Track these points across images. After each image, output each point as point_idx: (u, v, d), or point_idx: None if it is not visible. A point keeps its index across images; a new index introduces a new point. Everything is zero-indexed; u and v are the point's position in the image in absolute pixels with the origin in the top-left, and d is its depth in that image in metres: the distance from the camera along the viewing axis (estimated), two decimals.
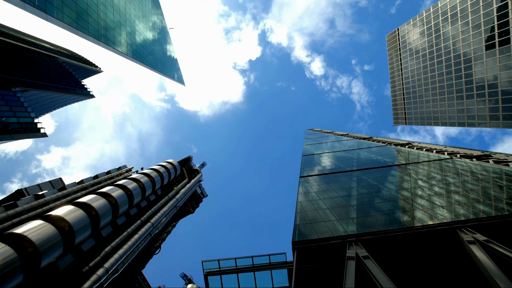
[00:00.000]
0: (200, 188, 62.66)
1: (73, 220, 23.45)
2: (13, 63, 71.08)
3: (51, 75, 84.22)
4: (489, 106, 60.81)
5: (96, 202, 27.33)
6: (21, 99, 62.74)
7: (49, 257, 20.20)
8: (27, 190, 32.15)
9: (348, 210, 26.38)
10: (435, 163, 39.68)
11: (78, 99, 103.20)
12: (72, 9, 38.83)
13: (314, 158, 57.99)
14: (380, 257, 18.09)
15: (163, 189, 47.17)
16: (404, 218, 23.46)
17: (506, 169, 31.29)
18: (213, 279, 29.16)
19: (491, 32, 57.23)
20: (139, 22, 74.72)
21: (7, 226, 24.24)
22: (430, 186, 30.55)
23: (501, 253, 15.98)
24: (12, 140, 59.79)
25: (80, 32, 41.30)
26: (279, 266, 28.60)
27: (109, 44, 51.94)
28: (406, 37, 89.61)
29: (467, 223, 20.09)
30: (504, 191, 26.13)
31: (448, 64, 71.85)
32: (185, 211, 56.13)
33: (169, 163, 49.28)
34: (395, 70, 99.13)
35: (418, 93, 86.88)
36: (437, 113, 79.02)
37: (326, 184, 36.03)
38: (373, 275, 15.68)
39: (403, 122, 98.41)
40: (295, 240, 21.44)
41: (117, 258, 24.85)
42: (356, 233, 21.09)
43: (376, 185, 33.23)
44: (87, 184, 38.73)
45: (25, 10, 30.19)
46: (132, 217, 33.90)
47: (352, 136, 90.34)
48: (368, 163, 47.23)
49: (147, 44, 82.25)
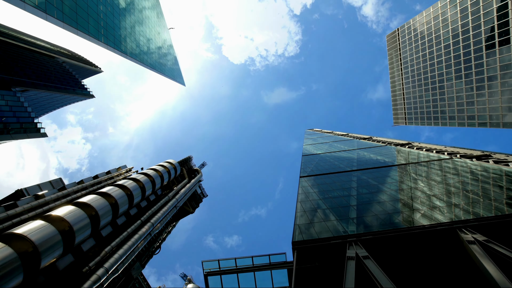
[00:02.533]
0: (200, 188, 62.65)
1: (73, 220, 23.42)
2: (13, 63, 71.08)
3: (51, 75, 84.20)
4: (489, 106, 60.80)
5: (96, 202, 27.30)
6: (21, 99, 62.73)
7: (49, 257, 20.18)
8: (27, 190, 32.11)
9: (348, 210, 26.37)
10: (435, 163, 39.67)
11: (78, 99, 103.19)
12: (72, 9, 38.82)
13: (314, 158, 57.98)
14: (380, 257, 18.08)
15: (163, 189, 47.16)
16: (404, 218, 23.46)
17: (506, 169, 31.29)
18: (213, 279, 29.16)
19: (491, 32, 57.23)
20: (139, 22, 74.71)
21: (7, 226, 24.22)
22: (430, 186, 30.54)
23: (501, 253, 15.97)
24: (12, 140, 59.75)
25: (80, 32, 41.29)
26: (279, 266, 28.59)
27: (109, 44, 51.93)
28: (406, 37, 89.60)
29: (467, 223, 20.08)
30: (504, 191, 26.13)
31: (448, 64, 71.85)
32: (185, 211, 56.12)
33: (169, 163, 49.25)
34: (395, 70, 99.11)
35: (418, 93, 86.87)
36: (437, 113, 79.02)
37: (326, 184, 36.01)
38: (373, 275, 15.67)
39: (403, 122, 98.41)
40: (295, 240, 21.43)
41: (117, 258, 24.82)
42: (356, 233, 21.08)
43: (376, 185, 33.23)
44: (87, 184, 38.71)
45: (25, 10, 30.18)
46: (132, 217, 33.89)
47: (352, 136, 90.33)
48: (368, 163, 47.23)
49: (147, 44, 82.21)
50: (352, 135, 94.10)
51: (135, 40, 70.71)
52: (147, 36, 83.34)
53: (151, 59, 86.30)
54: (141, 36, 76.18)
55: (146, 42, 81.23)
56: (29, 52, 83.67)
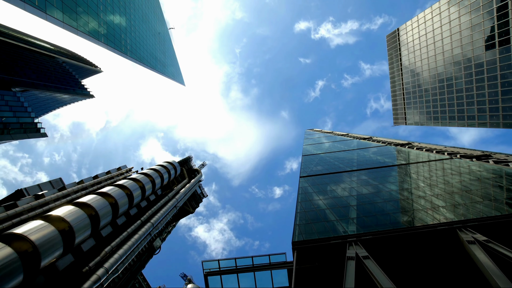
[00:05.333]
0: (200, 188, 62.67)
1: (73, 220, 23.43)
2: (13, 63, 71.08)
3: (51, 75, 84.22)
4: (489, 106, 60.81)
5: (96, 202, 27.32)
6: (21, 99, 62.75)
7: (49, 257, 20.18)
8: (27, 190, 32.14)
9: (348, 210, 26.38)
10: (435, 163, 39.68)
11: (78, 99, 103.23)
12: (72, 9, 38.81)
13: (314, 158, 57.99)
14: (380, 257, 18.08)
15: (163, 189, 47.18)
16: (404, 218, 23.47)
17: (506, 169, 31.29)
18: (213, 279, 29.17)
19: (491, 32, 57.23)
20: (139, 22, 74.72)
21: (7, 226, 24.23)
22: (430, 186, 30.55)
23: (501, 253, 15.98)
24: (12, 140, 59.78)
25: (80, 32, 41.28)
26: (279, 266, 28.60)
27: (109, 44, 51.92)
28: (406, 37, 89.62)
29: (467, 223, 20.08)
30: (504, 191, 26.14)
31: (448, 64, 71.86)
32: (185, 211, 56.15)
33: (169, 163, 49.28)
34: (395, 70, 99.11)
35: (418, 93, 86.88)
36: (437, 113, 79.03)
37: (326, 184, 36.02)
38: (373, 275, 15.68)
39: (403, 122, 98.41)
40: (295, 240, 21.44)
41: (117, 258, 24.84)
42: (356, 233, 21.09)
43: (376, 185, 33.24)
44: (87, 184, 38.72)
45: (25, 10, 30.15)
46: (132, 217, 33.90)
47: (352, 136, 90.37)
48: (368, 163, 47.24)
49: (147, 44, 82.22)
50: (352, 135, 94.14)
51: (136, 40, 70.71)
52: (147, 36, 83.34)
53: (151, 59, 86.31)
54: (141, 36, 76.18)
55: (146, 42, 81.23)
56: (29, 52, 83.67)
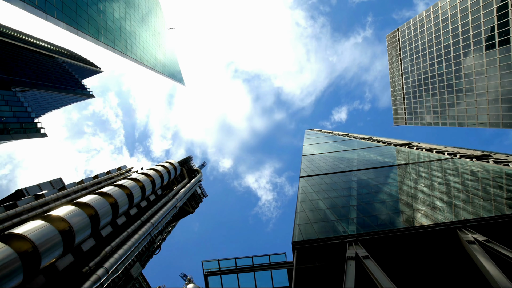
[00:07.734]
0: (200, 188, 62.66)
1: (73, 220, 23.42)
2: (13, 63, 71.08)
3: (51, 75, 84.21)
4: (489, 106, 60.81)
5: (96, 202, 27.31)
6: (21, 99, 62.70)
7: (49, 257, 20.18)
8: (27, 190, 32.12)
9: (348, 210, 26.37)
10: (435, 163, 39.68)
11: (78, 99, 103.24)
12: (72, 9, 38.81)
13: (314, 158, 57.97)
14: (380, 257, 18.08)
15: (163, 189, 47.17)
16: (404, 218, 23.46)
17: (506, 169, 31.29)
18: (213, 279, 29.14)
19: (491, 32, 57.22)
20: (139, 22, 74.70)
21: (7, 226, 24.22)
22: (430, 186, 30.54)
23: (501, 253, 15.97)
24: (12, 140, 59.74)
25: (80, 32, 41.28)
26: (279, 266, 28.58)
27: (109, 44, 51.91)
28: (406, 37, 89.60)
29: (467, 223, 20.07)
30: (504, 191, 26.13)
31: (448, 64, 71.84)
32: (185, 211, 56.13)
33: (169, 163, 49.28)
34: (395, 70, 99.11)
35: (418, 93, 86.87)
36: (437, 113, 79.02)
37: (326, 184, 36.00)
38: (373, 275, 15.68)
39: (403, 122, 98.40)
40: (295, 240, 21.42)
41: (117, 258, 24.84)
42: (356, 233, 21.08)
43: (376, 185, 33.23)
44: (87, 184, 38.71)
45: (25, 10, 30.17)
46: (132, 217, 33.89)
47: (352, 136, 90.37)
48: (368, 163, 47.24)
49: (147, 44, 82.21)
50: (352, 135, 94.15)
51: (136, 40, 70.70)
52: (147, 36, 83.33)
53: (151, 59, 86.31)
54: (141, 36, 76.17)
55: (146, 42, 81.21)
56: (29, 52, 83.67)
